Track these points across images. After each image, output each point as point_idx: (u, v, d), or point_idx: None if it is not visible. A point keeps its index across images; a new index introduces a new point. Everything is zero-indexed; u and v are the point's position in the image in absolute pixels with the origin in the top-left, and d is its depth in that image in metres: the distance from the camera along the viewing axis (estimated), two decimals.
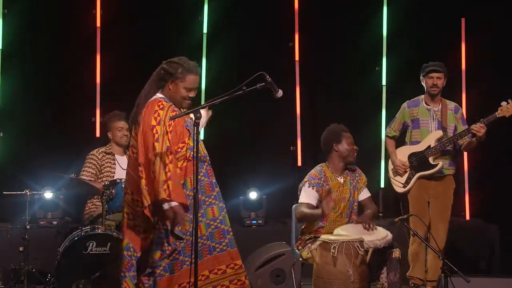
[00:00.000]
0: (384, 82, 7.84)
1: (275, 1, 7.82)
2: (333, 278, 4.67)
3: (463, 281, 4.60)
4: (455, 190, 6.01)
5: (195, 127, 4.08)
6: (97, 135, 7.21)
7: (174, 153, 4.21)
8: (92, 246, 5.38)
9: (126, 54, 7.41)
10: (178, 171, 4.23)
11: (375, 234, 4.92)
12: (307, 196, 5.07)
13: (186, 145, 4.29)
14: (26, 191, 5.78)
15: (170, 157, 4.15)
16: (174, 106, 4.34)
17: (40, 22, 7.32)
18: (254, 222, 7.16)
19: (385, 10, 7.87)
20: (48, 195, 6.34)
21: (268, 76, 4.15)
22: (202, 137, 5.33)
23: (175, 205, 4.12)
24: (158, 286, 4.25)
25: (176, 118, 4.23)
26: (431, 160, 5.83)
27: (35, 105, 7.23)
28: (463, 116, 6.02)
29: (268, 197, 7.26)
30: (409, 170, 5.93)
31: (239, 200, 7.22)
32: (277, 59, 7.64)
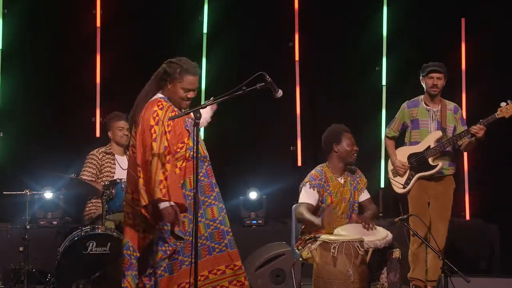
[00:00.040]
0: (384, 82, 7.84)
1: (275, 1, 7.82)
2: (333, 278, 4.66)
3: (463, 281, 4.60)
4: (455, 190, 6.01)
5: (195, 127, 4.08)
6: (97, 135, 7.21)
7: (173, 153, 4.21)
8: (92, 246, 5.38)
9: (126, 54, 7.41)
10: (178, 171, 4.22)
11: (375, 234, 4.91)
12: (308, 197, 5.07)
13: (186, 145, 4.28)
14: (26, 191, 5.77)
15: (168, 157, 4.15)
16: (174, 107, 4.34)
17: (40, 22, 7.32)
18: (254, 222, 7.16)
19: (385, 10, 7.87)
20: (48, 195, 6.33)
21: (268, 76, 4.15)
22: (202, 137, 5.30)
23: (170, 205, 4.12)
24: (159, 287, 4.25)
25: (176, 118, 4.23)
26: (431, 161, 5.82)
27: (35, 105, 7.23)
28: (463, 117, 6.01)
29: (268, 197, 7.25)
30: (409, 171, 5.92)
31: (239, 200, 7.22)
32: (277, 59, 7.64)
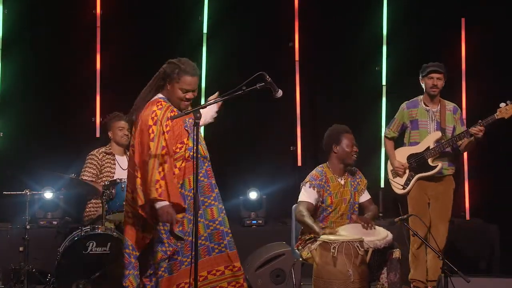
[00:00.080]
0: (384, 82, 7.84)
1: (275, 1, 7.82)
2: (333, 278, 4.66)
3: (463, 281, 4.60)
4: (455, 190, 6.00)
5: (195, 127, 4.08)
6: (97, 135, 7.21)
7: (172, 154, 4.20)
8: (92, 246, 5.38)
9: (126, 54, 7.41)
10: (177, 171, 4.22)
11: (375, 234, 4.90)
12: (308, 196, 5.06)
13: (185, 146, 4.27)
14: (26, 191, 5.77)
15: (165, 157, 4.14)
16: (173, 107, 4.33)
17: (40, 22, 7.32)
18: (254, 222, 7.16)
19: (385, 10, 7.86)
20: (48, 195, 6.34)
21: (268, 76, 4.15)
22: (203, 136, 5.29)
23: (166, 205, 4.11)
24: (160, 287, 4.25)
25: (175, 119, 4.22)
26: (430, 162, 5.82)
27: (35, 105, 7.23)
28: (462, 117, 6.01)
29: (268, 197, 7.25)
30: (408, 172, 5.92)
31: (239, 200, 7.21)
32: (277, 59, 7.64)
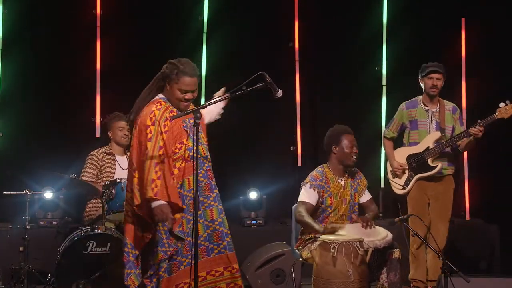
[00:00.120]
0: (384, 82, 7.84)
1: (275, 1, 7.82)
2: (333, 278, 4.66)
3: (463, 281, 4.60)
4: (455, 190, 6.00)
5: (195, 128, 4.08)
6: (97, 135, 7.21)
7: (171, 154, 4.20)
8: (92, 246, 5.38)
9: (126, 54, 7.41)
10: (176, 172, 4.22)
11: (375, 234, 4.89)
12: (308, 196, 5.06)
13: (185, 146, 4.27)
14: (26, 191, 5.77)
15: (163, 157, 4.14)
16: (173, 107, 4.33)
17: (40, 22, 7.32)
18: (254, 222, 7.15)
19: (385, 10, 7.87)
20: (48, 195, 6.34)
21: (268, 76, 4.15)
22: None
23: (161, 204, 4.11)
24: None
25: (175, 119, 4.22)
26: (430, 162, 5.81)
27: (35, 105, 7.23)
28: (461, 116, 6.01)
29: (268, 197, 7.25)
30: (408, 172, 5.92)
31: (239, 200, 7.21)
32: (277, 59, 7.64)
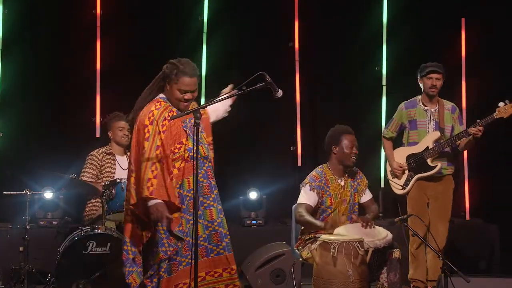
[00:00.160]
0: (384, 82, 7.84)
1: (275, 1, 7.82)
2: (333, 278, 4.65)
3: (463, 281, 4.60)
4: (455, 190, 6.00)
5: (195, 128, 4.07)
6: (97, 135, 7.22)
7: (169, 153, 4.19)
8: (92, 246, 5.37)
9: (126, 54, 7.41)
10: (176, 172, 4.22)
11: (375, 234, 4.89)
12: (308, 198, 5.06)
13: (184, 146, 4.27)
14: (26, 191, 5.77)
15: (160, 157, 4.14)
16: (173, 107, 4.33)
17: (40, 22, 7.32)
18: (254, 222, 7.16)
19: (385, 10, 7.87)
20: (48, 195, 6.34)
21: (268, 76, 4.15)
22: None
23: (156, 203, 4.11)
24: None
25: (174, 119, 4.22)
26: (430, 162, 5.81)
27: (35, 105, 7.23)
28: (460, 116, 6.01)
29: (268, 197, 7.25)
30: (408, 172, 5.91)
31: (239, 200, 7.21)
32: (277, 59, 7.64)
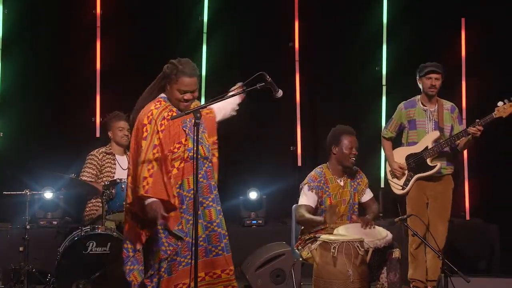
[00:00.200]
0: (384, 82, 7.84)
1: (275, 1, 7.82)
2: (333, 278, 4.66)
3: (463, 281, 4.60)
4: (454, 190, 6.00)
5: (195, 128, 4.07)
6: (97, 135, 7.22)
7: (167, 153, 4.18)
8: (92, 246, 5.37)
9: (126, 54, 7.41)
10: (175, 172, 4.22)
11: (375, 234, 4.90)
12: (307, 199, 5.07)
13: (184, 146, 4.26)
14: (26, 191, 5.77)
15: (156, 155, 4.14)
16: (173, 107, 4.33)
17: (40, 22, 7.33)
18: (254, 222, 7.16)
19: (385, 10, 7.87)
20: (48, 195, 6.34)
21: (268, 76, 4.15)
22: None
23: (152, 201, 4.11)
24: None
25: (174, 119, 4.22)
26: (429, 162, 5.81)
27: (35, 105, 7.23)
28: (460, 116, 6.01)
29: (268, 197, 7.25)
30: (407, 172, 5.92)
31: (239, 200, 7.21)
32: (277, 59, 7.64)
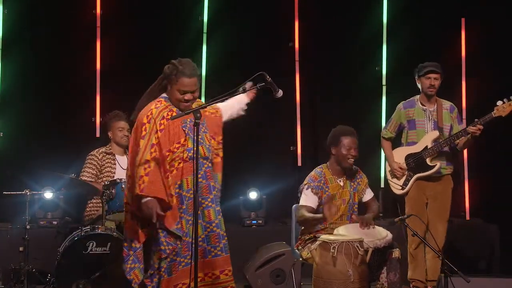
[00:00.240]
0: (384, 82, 7.84)
1: (275, 1, 7.82)
2: (333, 278, 4.66)
3: (463, 281, 4.61)
4: (454, 190, 6.00)
5: (195, 128, 4.07)
6: (97, 135, 7.22)
7: (166, 153, 4.19)
8: (92, 246, 5.37)
9: (126, 54, 7.41)
10: (175, 172, 4.22)
11: (375, 234, 4.90)
12: (307, 199, 5.07)
13: (183, 146, 4.26)
14: (26, 191, 5.77)
15: (154, 155, 4.15)
16: (173, 107, 4.33)
17: (40, 22, 7.33)
18: (254, 222, 7.15)
19: (385, 10, 7.87)
20: (48, 195, 6.34)
21: (268, 76, 4.15)
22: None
23: (148, 200, 4.12)
24: None
25: (174, 119, 4.22)
26: (429, 161, 5.81)
27: (35, 105, 7.23)
28: (459, 115, 6.01)
29: (268, 197, 7.25)
30: (407, 172, 5.92)
31: (239, 200, 7.21)
32: (277, 59, 7.64)
